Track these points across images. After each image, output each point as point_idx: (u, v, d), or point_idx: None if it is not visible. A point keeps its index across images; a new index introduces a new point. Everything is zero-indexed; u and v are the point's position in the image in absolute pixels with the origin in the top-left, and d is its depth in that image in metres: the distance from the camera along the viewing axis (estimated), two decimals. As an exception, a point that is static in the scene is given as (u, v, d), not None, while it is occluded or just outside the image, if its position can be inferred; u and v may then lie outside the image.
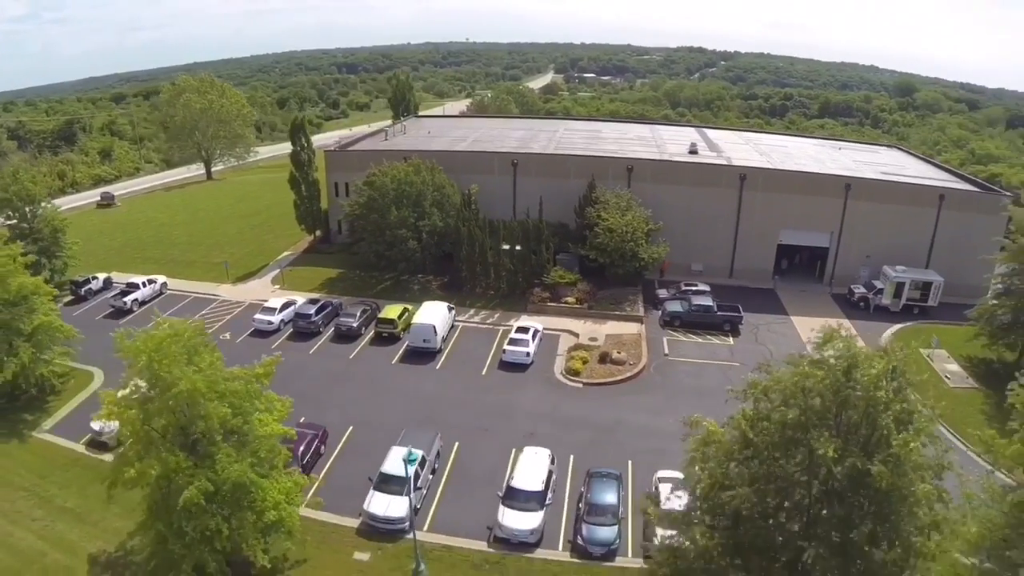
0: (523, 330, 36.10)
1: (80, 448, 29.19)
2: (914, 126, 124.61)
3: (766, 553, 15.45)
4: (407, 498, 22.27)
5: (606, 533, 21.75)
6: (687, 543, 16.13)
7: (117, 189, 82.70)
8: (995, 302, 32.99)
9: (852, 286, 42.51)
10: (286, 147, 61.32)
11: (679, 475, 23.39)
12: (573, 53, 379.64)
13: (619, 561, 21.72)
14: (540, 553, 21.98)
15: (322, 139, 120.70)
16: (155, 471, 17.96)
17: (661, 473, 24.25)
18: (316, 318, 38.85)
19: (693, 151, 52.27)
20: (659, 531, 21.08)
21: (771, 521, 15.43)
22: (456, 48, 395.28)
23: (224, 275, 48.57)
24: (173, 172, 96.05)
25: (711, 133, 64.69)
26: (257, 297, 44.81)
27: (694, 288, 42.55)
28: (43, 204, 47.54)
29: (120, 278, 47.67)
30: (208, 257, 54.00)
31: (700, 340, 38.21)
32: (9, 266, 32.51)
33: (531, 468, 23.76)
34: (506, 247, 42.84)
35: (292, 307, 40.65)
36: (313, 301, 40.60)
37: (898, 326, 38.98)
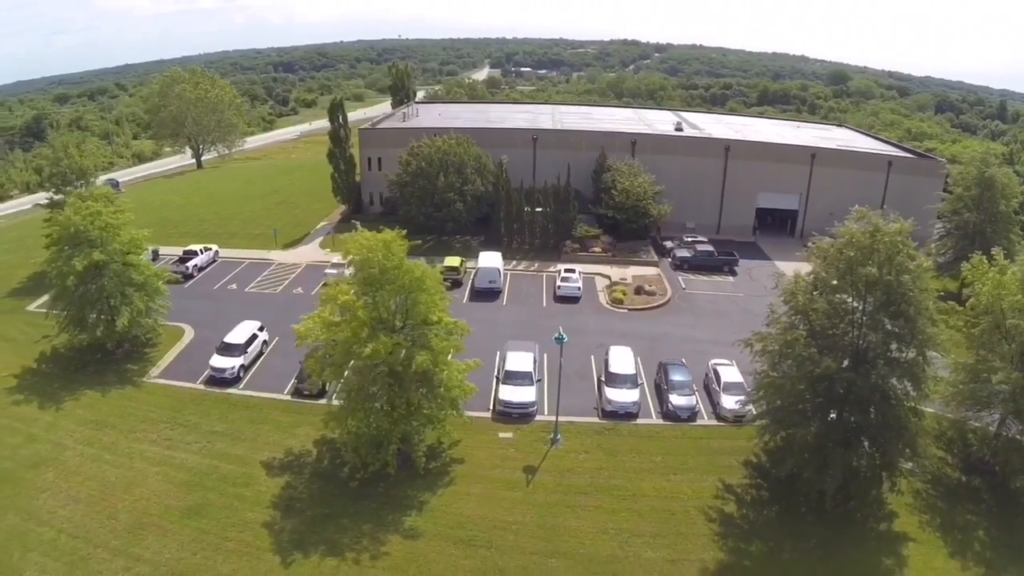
0: (570, 271, 43.43)
1: (200, 387, 32.01)
2: (849, 112, 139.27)
3: (835, 341, 23.14)
4: (533, 387, 29.19)
5: (690, 401, 29.38)
6: (781, 340, 23.53)
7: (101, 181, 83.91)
8: (937, 243, 42.89)
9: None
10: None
11: (727, 361, 31.68)
12: (507, 48, 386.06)
13: (699, 422, 29.27)
14: (640, 421, 29.13)
15: (280, 134, 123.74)
16: (386, 348, 22.45)
17: (714, 361, 32.30)
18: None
19: (679, 129, 60.77)
20: (723, 398, 29.27)
21: (838, 328, 23.24)
22: (390, 45, 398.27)
23: (272, 243, 53.07)
24: (155, 164, 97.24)
25: (687, 115, 73.70)
26: (312, 259, 49.91)
27: (696, 239, 51.01)
28: (93, 179, 49.18)
29: (165, 251, 50.18)
30: (246, 229, 57.89)
31: (706, 279, 46.66)
32: (121, 217, 34.68)
33: (623, 359, 31.10)
34: (539, 209, 49.90)
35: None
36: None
37: (859, 265, 48.73)
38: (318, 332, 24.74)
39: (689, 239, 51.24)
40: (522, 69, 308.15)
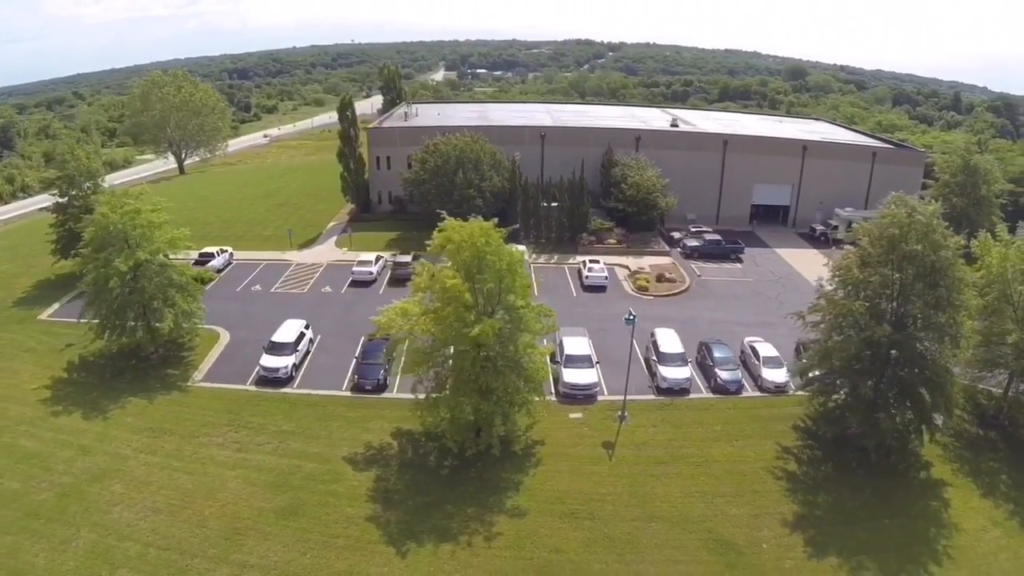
0: (594, 261, 45.60)
1: (253, 388, 31.67)
2: (809, 106, 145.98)
3: (880, 310, 25.99)
4: (593, 368, 31.22)
5: (735, 375, 31.93)
6: (838, 310, 26.28)
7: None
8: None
9: (812, 225, 55.82)
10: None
11: (759, 338, 34.38)
12: (461, 50, 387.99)
13: (744, 394, 31.79)
14: (693, 396, 31.42)
15: (249, 139, 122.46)
16: (493, 329, 23.64)
17: (747, 338, 34.99)
18: (415, 267, 45.79)
19: (674, 125, 63.75)
20: (764, 371, 31.93)
21: (882, 297, 26.03)
22: (343, 50, 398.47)
23: (287, 244, 53.37)
24: (131, 171, 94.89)
25: (677, 112, 76.94)
26: (331, 259, 50.56)
27: (703, 229, 53.94)
28: (101, 180, 47.85)
29: (174, 253, 50.52)
30: (253, 231, 57.93)
31: (716, 266, 49.57)
32: (160, 216, 33.79)
33: (671, 339, 33.37)
34: (555, 203, 51.90)
35: (381, 260, 47.21)
36: (404, 253, 47.38)
37: (852, 249, 52.59)
38: (400, 323, 25.97)
39: (694, 229, 54.13)
40: (478, 71, 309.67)
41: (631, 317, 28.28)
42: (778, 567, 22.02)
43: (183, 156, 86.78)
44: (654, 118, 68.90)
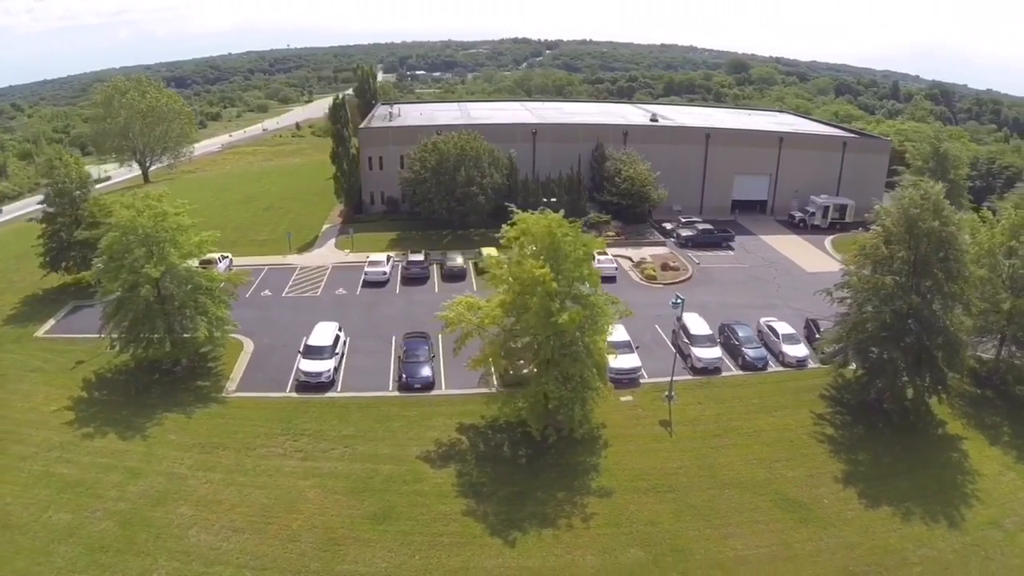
0: (602, 253, 47.13)
1: (294, 395, 31.13)
2: (754, 99, 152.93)
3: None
4: (634, 353, 32.86)
5: (761, 352, 34.31)
6: (869, 284, 28.93)
7: (30, 204, 77.43)
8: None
9: (791, 212, 59.48)
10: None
11: (775, 319, 36.95)
12: (399, 52, 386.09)
13: (770, 370, 34.08)
14: (725, 374, 33.62)
15: (202, 146, 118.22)
16: (579, 316, 24.68)
17: (763, 319, 37.52)
18: (427, 265, 46.36)
19: (654, 120, 66.39)
20: (785, 347, 34.46)
21: (903, 271, 28.73)
22: (280, 55, 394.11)
23: (285, 248, 52.64)
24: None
25: (651, 107, 79.83)
26: (335, 261, 50.37)
27: (694, 220, 56.62)
28: (91, 188, 45.80)
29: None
30: (246, 237, 56.63)
31: (711, 254, 52.27)
32: (188, 218, 32.67)
33: (699, 323, 35.41)
34: (554, 199, 53.24)
35: (391, 261, 47.45)
36: (415, 253, 47.73)
37: (831, 236, 55.93)
38: (468, 317, 26.81)
39: (684, 220, 56.76)
40: (417, 72, 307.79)
41: (678, 301, 30.10)
42: (841, 518, 24.28)
43: (148, 164, 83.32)
44: (631, 114, 71.45)
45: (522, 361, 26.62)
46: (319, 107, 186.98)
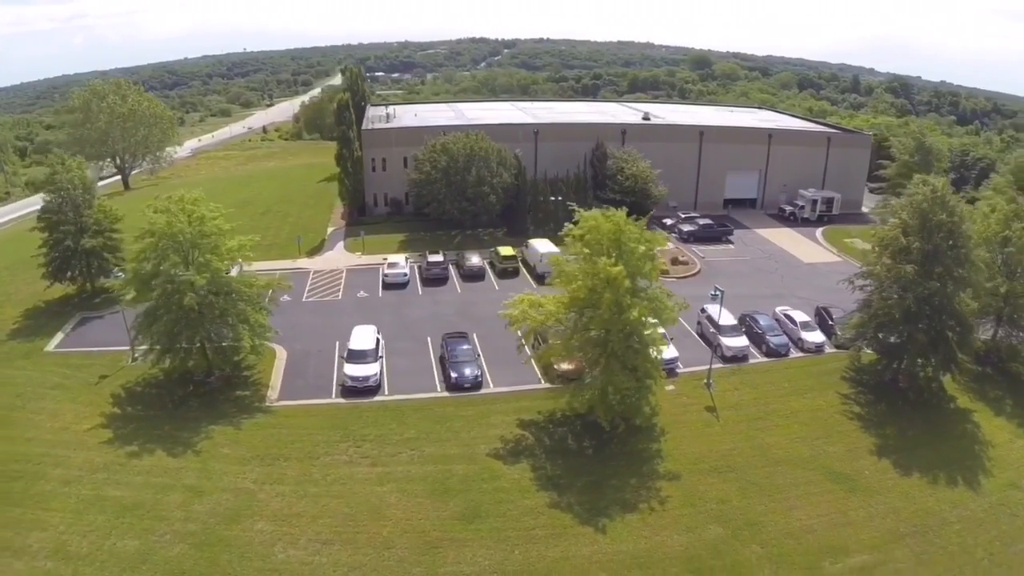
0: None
1: (342, 400, 30.98)
2: (718, 94, 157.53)
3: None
4: (670, 344, 34.48)
5: (783, 339, 36.54)
6: (891, 273, 31.28)
7: (5, 214, 75.03)
8: (885, 203, 54.31)
9: (781, 206, 62.45)
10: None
11: (788, 308, 39.34)
12: (356, 54, 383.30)
13: (792, 356, 36.36)
14: (752, 361, 35.68)
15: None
16: (646, 310, 26.51)
17: (779, 308, 39.88)
18: (447, 265, 47.14)
19: (646, 118, 68.50)
20: (803, 334, 36.81)
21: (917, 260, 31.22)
22: (237, 59, 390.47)
23: (292, 252, 52.48)
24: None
25: (639, 106, 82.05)
26: (349, 263, 50.61)
27: (693, 215, 58.94)
28: (96, 194, 44.80)
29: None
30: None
31: (713, 248, 54.64)
32: (226, 222, 32.03)
33: (726, 313, 37.34)
34: (560, 197, 54.74)
35: (408, 262, 48.03)
36: (434, 253, 48.38)
37: (821, 228, 59.08)
38: (533, 314, 28.08)
39: (684, 215, 59.02)
40: (376, 74, 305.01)
41: (716, 292, 31.98)
42: (883, 487, 26.64)
43: (128, 169, 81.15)
44: (622, 113, 73.42)
45: (589, 355, 27.85)
46: (282, 111, 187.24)
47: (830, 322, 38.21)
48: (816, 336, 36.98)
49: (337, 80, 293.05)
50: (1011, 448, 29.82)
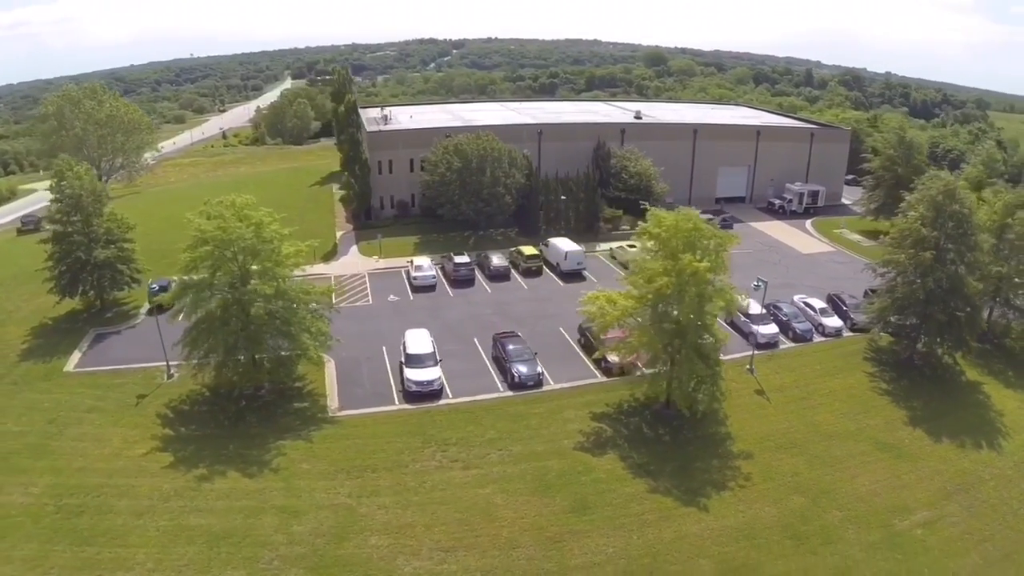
0: (632, 245, 51.06)
1: (409, 406, 30.73)
2: (675, 90, 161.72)
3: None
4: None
5: (807, 326, 39.29)
6: (912, 260, 34.15)
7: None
8: (868, 195, 58.24)
9: (770, 199, 66.00)
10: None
11: (806, 295, 42.31)
12: (305, 57, 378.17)
13: (815, 341, 39.05)
14: (782, 347, 38.13)
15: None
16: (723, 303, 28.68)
17: (797, 296, 42.78)
18: (473, 267, 48.07)
19: (638, 117, 71.00)
20: (824, 319, 39.77)
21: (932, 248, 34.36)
22: (185, 64, 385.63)
23: (309, 257, 52.20)
24: (26, 201, 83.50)
25: (627, 105, 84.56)
26: (369, 268, 50.81)
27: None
28: (105, 202, 43.00)
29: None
30: (257, 247, 55.68)
31: (714, 241, 57.50)
32: (286, 229, 31.49)
33: (755, 304, 39.73)
34: (564, 197, 56.57)
35: (432, 264, 48.68)
36: (460, 255, 49.05)
37: (810, 220, 62.80)
38: (610, 310, 29.40)
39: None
40: (326, 77, 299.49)
41: (759, 284, 34.40)
42: (923, 453, 29.61)
43: (105, 177, 78.15)
44: (612, 112, 75.72)
45: (659, 347, 29.49)
46: (236, 116, 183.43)
47: (844, 307, 41.31)
48: (835, 321, 39.98)
49: (288, 84, 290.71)
50: (1021, 414, 33.30)
